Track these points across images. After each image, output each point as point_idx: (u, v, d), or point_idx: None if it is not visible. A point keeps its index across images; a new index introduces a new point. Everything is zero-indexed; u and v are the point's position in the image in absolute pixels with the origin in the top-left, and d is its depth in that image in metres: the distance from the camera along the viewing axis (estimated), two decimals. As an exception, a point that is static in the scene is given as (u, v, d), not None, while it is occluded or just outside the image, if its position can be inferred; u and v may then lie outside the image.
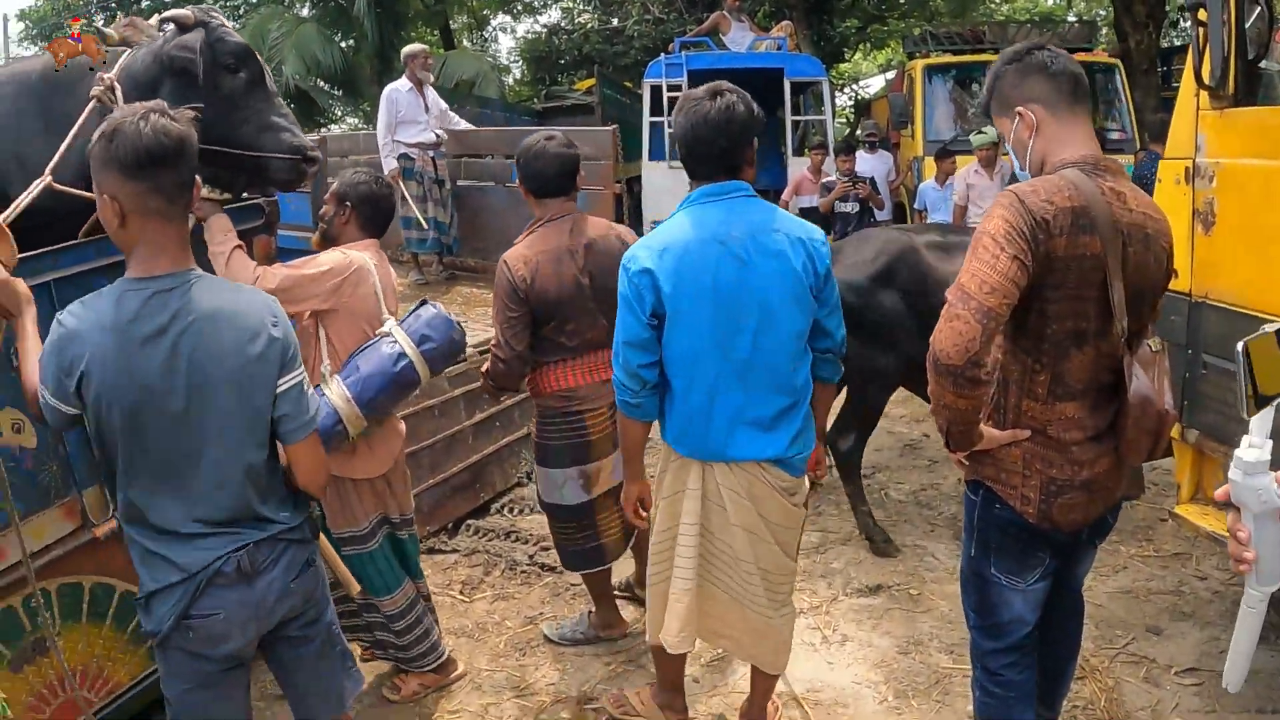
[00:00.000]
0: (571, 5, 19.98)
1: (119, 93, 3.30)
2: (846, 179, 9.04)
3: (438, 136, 7.97)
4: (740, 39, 12.33)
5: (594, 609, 4.25)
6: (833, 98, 12.85)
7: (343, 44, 19.54)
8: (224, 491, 2.33)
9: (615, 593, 4.41)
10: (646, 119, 10.91)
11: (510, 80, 22.11)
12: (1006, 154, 4.74)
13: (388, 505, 3.63)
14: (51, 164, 3.21)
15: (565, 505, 3.91)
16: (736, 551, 3.05)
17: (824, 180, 9.35)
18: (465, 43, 24.06)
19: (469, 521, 5.43)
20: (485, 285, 7.39)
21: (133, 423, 2.22)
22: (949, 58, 11.92)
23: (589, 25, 18.27)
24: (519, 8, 24.89)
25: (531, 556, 5.02)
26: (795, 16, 16.28)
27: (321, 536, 2.70)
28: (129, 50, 3.53)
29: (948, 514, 5.37)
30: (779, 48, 11.79)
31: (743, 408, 2.93)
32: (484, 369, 3.85)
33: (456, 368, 5.09)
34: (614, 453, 3.83)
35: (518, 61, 23.96)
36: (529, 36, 24.04)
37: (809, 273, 2.88)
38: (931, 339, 2.29)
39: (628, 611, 4.37)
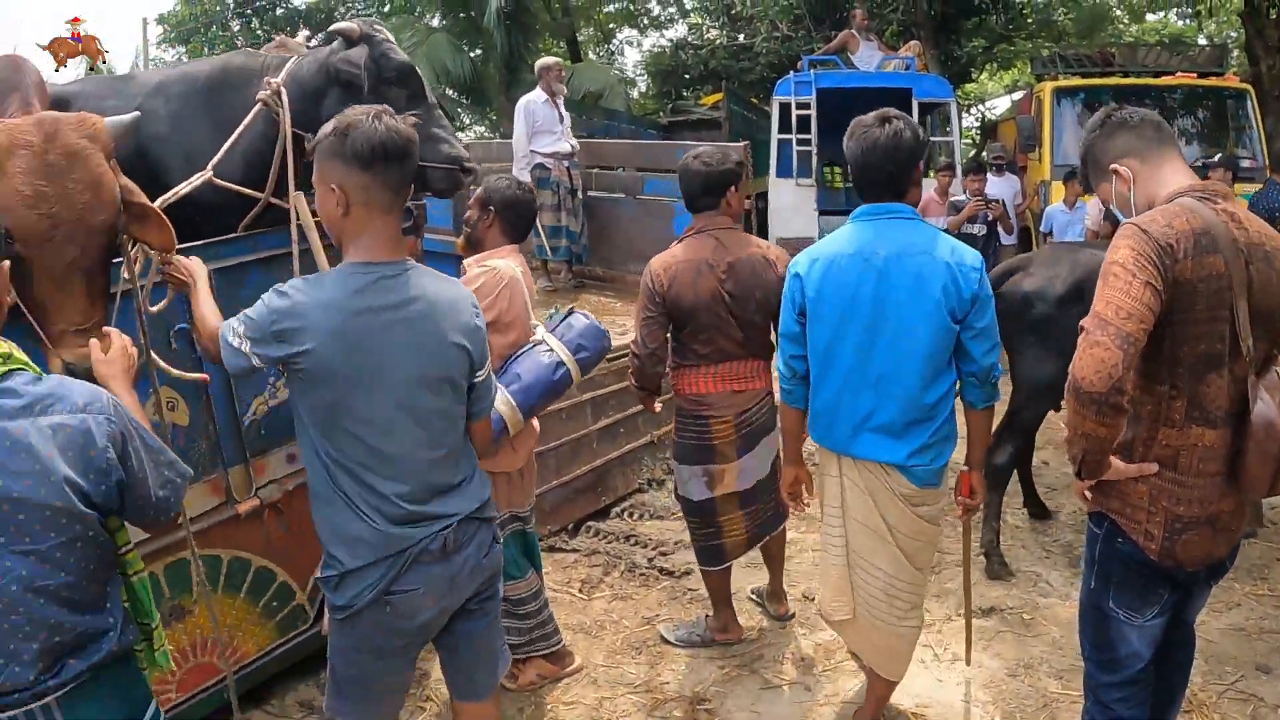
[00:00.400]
0: (700, 21, 20.13)
1: (285, 98, 3.52)
2: (979, 199, 8.98)
3: (572, 147, 8.17)
4: (869, 58, 12.33)
5: (711, 613, 4.35)
6: (959, 119, 12.75)
7: (472, 54, 19.95)
8: (428, 473, 2.50)
9: (750, 598, 4.57)
10: (775, 136, 10.92)
11: (635, 94, 22.31)
12: None
13: (515, 499, 3.79)
14: (215, 160, 3.45)
15: (691, 500, 4.12)
16: (860, 546, 3.29)
17: (952, 200, 9.30)
18: (591, 55, 24.38)
19: (589, 523, 5.59)
20: (612, 294, 7.56)
21: (346, 397, 2.38)
22: (1078, 80, 11.74)
23: (717, 41, 18.38)
24: (645, 22, 25.16)
25: (651, 560, 5.15)
26: (923, 36, 16.21)
27: None
28: (294, 58, 3.75)
29: (1063, 541, 5.33)
30: (907, 67, 11.77)
31: (871, 413, 3.17)
32: (630, 369, 4.08)
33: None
34: (739, 460, 3.98)
35: (642, 75, 24.19)
36: (654, 51, 24.30)
37: (950, 296, 3.03)
38: (1071, 368, 2.32)
39: (745, 619, 4.46)
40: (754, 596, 4.63)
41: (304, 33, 3.94)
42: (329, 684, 2.70)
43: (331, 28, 3.80)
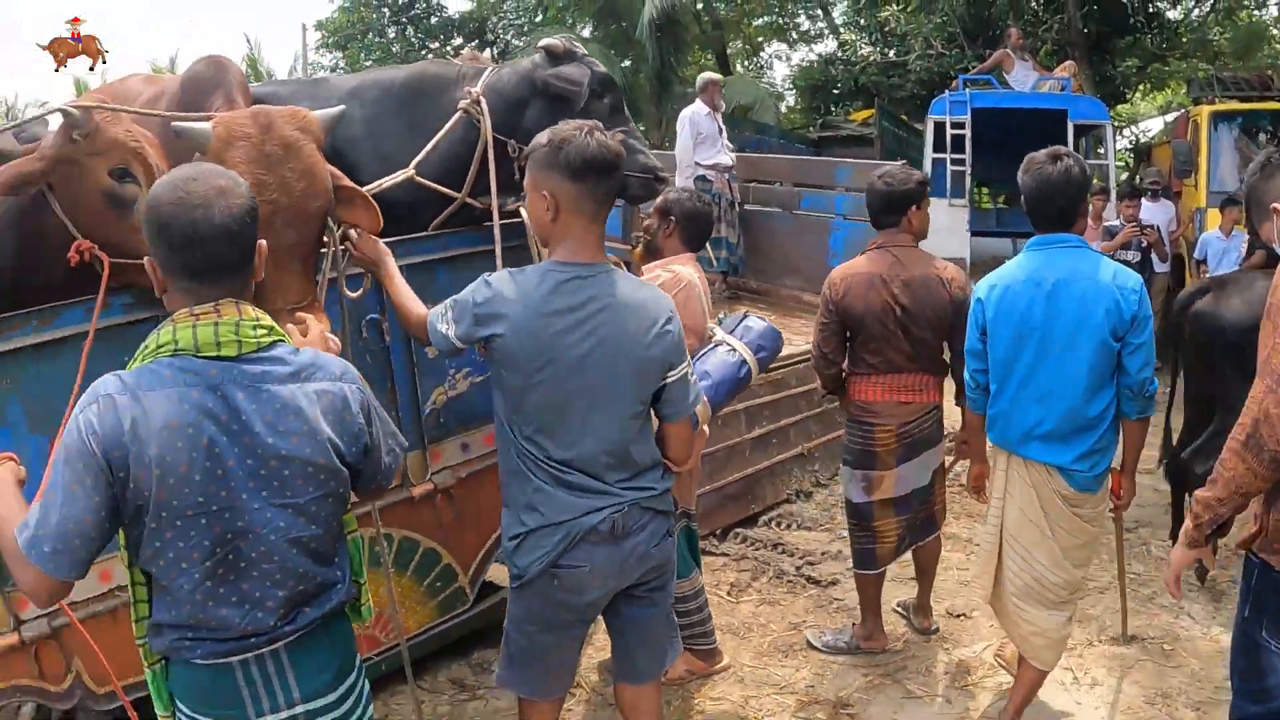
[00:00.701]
0: (853, 38, 20.04)
1: (484, 106, 3.77)
2: (1133, 225, 8.82)
3: (732, 159, 8.34)
4: (1024, 78, 12.17)
5: (858, 621, 4.48)
6: (1113, 141, 12.48)
7: (623, 64, 20.24)
8: (604, 457, 2.69)
9: (895, 610, 4.69)
10: (929, 155, 10.84)
11: (783, 108, 22.33)
12: None
13: (685, 496, 3.94)
14: (418, 159, 3.71)
15: (851, 502, 4.31)
16: (1021, 537, 3.55)
17: (1105, 225, 9.15)
18: (739, 69, 24.48)
19: (738, 529, 5.74)
20: (765, 307, 7.66)
21: (533, 381, 2.60)
22: (1235, 104, 11.37)
23: (870, 58, 18.29)
24: (794, 36, 25.14)
25: (798, 568, 5.27)
26: (1076, 55, 15.85)
27: None
28: (491, 69, 4.00)
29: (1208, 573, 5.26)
30: (1062, 88, 11.58)
31: (1039, 422, 3.45)
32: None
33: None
34: (898, 467, 4.14)
35: (790, 89, 24.19)
36: (803, 65, 24.27)
37: (1112, 316, 3.29)
38: (1254, 420, 2.32)
39: (889, 631, 4.55)
40: (899, 609, 4.73)
41: (462, 44, 4.21)
42: (502, 654, 2.93)
43: (541, 43, 4.01)
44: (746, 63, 25.72)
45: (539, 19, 22.27)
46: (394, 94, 4.07)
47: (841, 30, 23.02)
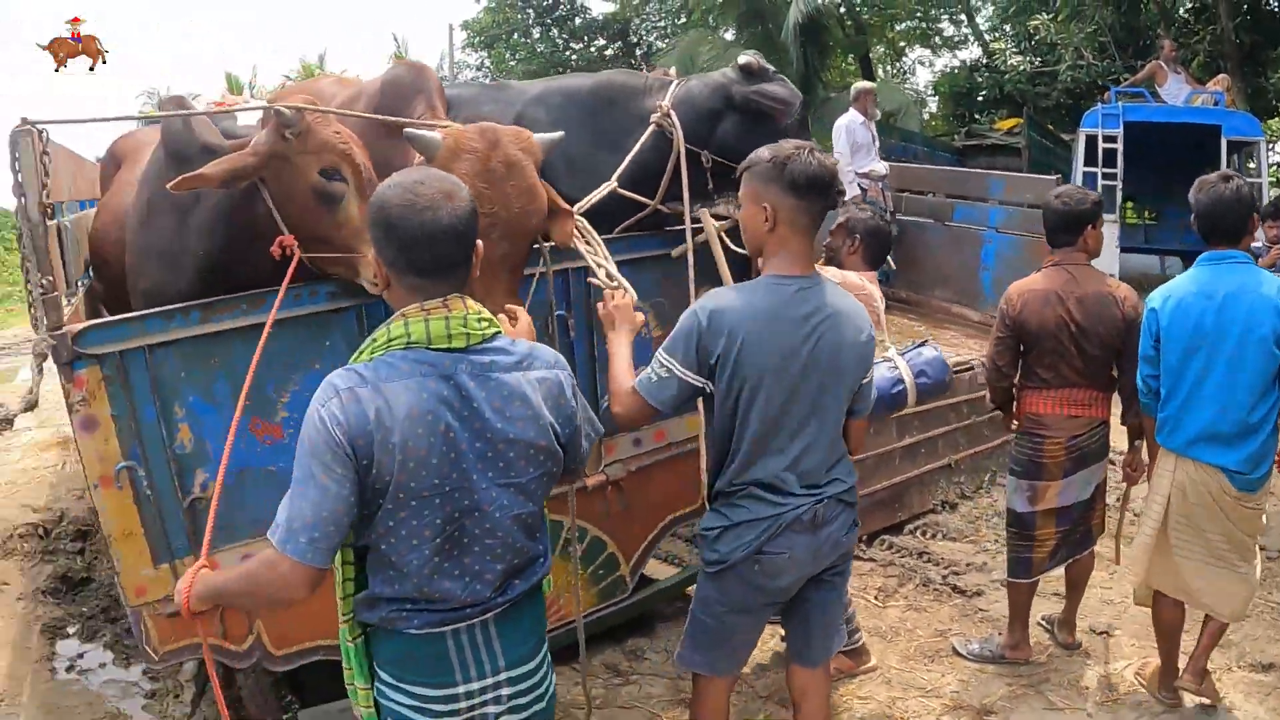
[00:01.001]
0: (1002, 47, 19.67)
1: (675, 118, 3.90)
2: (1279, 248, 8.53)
3: (885, 168, 8.37)
4: (1176, 91, 11.91)
5: (1004, 632, 4.53)
6: (1266, 158, 12.08)
7: (768, 68, 20.19)
8: (812, 455, 2.87)
9: (1039, 623, 4.71)
10: (1079, 168, 10.67)
11: (925, 114, 22.04)
12: None
13: None
14: (618, 171, 3.86)
15: (1014, 511, 4.36)
16: (1198, 521, 3.80)
17: (1252, 246, 8.86)
18: (881, 73, 24.26)
19: (884, 536, 5.83)
20: (916, 317, 7.69)
21: (761, 390, 2.76)
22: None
23: (1019, 67, 17.95)
24: (937, 41, 24.81)
25: (944, 577, 5.35)
26: (1229, 68, 15.36)
27: None
28: (678, 81, 4.11)
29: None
30: (1216, 103, 11.30)
31: (1206, 425, 3.68)
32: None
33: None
34: (1063, 479, 4.20)
35: (933, 95, 23.87)
36: (946, 71, 23.94)
37: (1278, 329, 3.52)
38: None
39: (1033, 644, 4.58)
40: (1044, 623, 4.75)
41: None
42: (686, 636, 3.12)
43: (740, 61, 4.07)
44: (889, 68, 25.47)
45: (682, 21, 22.37)
46: (579, 101, 4.20)
47: (986, 36, 22.64)
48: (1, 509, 7.47)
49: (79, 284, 4.69)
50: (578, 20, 24.61)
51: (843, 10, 21.00)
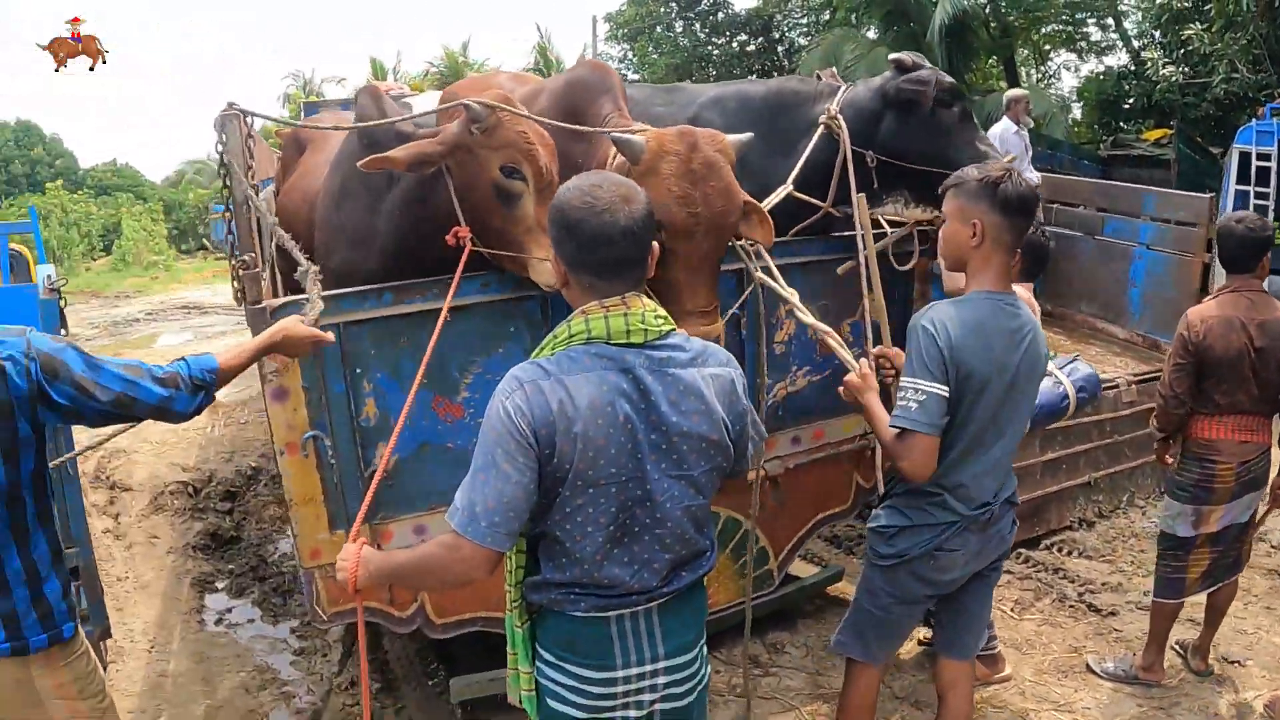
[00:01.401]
0: (1153, 56, 19.05)
1: (842, 121, 3.98)
2: None
3: (1037, 178, 8.26)
4: (1333, 109, 11.40)
5: (1138, 652, 4.50)
6: None
7: (910, 68, 19.93)
8: (1003, 461, 2.99)
9: (1172, 648, 4.63)
10: (1231, 186, 10.19)
11: (1070, 120, 21.48)
12: None
13: None
14: (793, 175, 3.96)
15: (1174, 535, 4.30)
16: None
17: None
18: (1025, 77, 23.72)
19: (1021, 549, 5.78)
20: (1060, 331, 7.57)
21: (980, 400, 2.86)
22: None
23: (1170, 77, 17.37)
24: (1083, 46, 24.15)
25: (1080, 594, 5.30)
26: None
27: None
28: (846, 86, 4.20)
29: None
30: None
31: None
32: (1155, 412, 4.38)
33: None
34: (1230, 502, 4.16)
35: (1078, 101, 23.25)
36: (1092, 77, 23.28)
37: None
38: None
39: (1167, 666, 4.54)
40: (1177, 648, 4.69)
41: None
42: (848, 624, 3.27)
43: (891, 56, 4.20)
44: (1033, 71, 24.91)
45: (826, 18, 22.20)
46: (754, 106, 4.31)
47: (1135, 42, 21.95)
48: (152, 467, 7.90)
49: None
50: (720, 15, 24.55)
51: (988, 11, 20.55)
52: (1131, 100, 19.79)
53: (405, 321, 3.28)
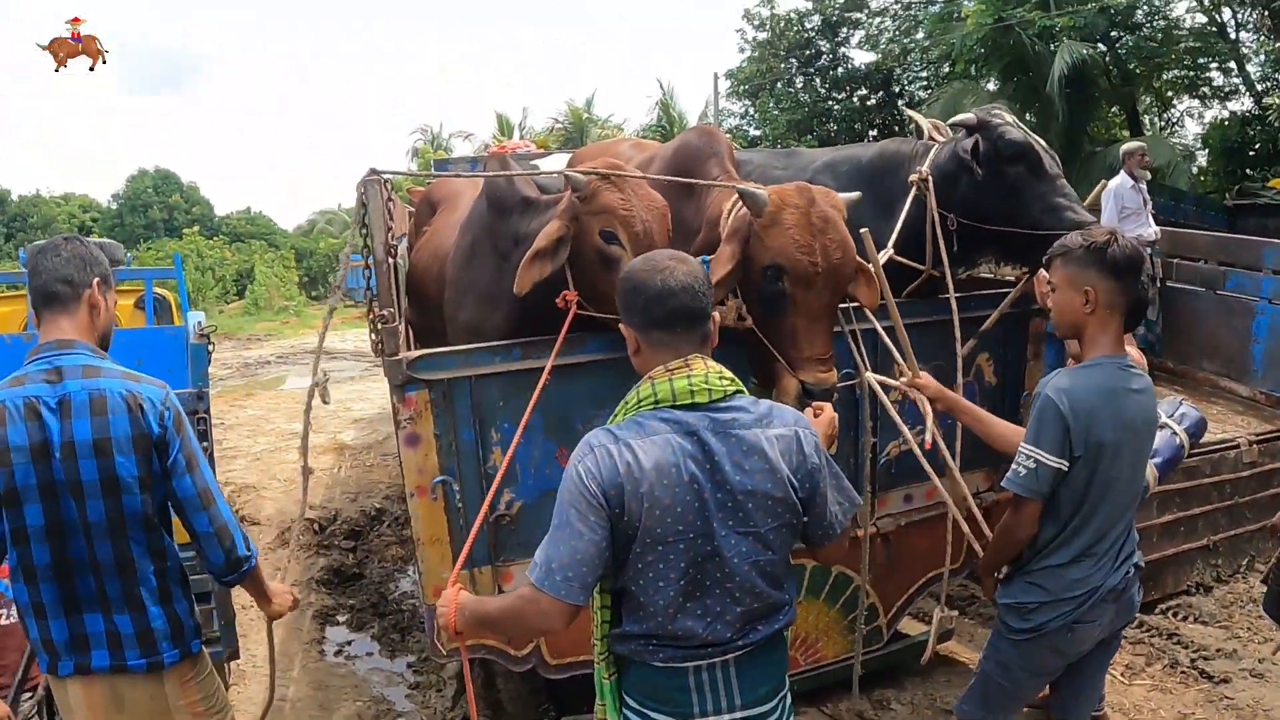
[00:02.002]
0: (1275, 102, 18.49)
1: (930, 183, 4.06)
2: None
3: (1155, 233, 8.17)
4: None
5: None
6: None
7: (1028, 119, 19.75)
8: (1122, 525, 3.03)
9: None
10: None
11: (1194, 168, 20.93)
12: None
13: None
14: (893, 239, 4.03)
15: None
16: None
17: None
18: (1148, 125, 23.23)
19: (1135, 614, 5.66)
20: (1181, 389, 7.44)
21: (1108, 466, 2.90)
22: None
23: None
24: (1206, 91, 23.58)
25: (1193, 660, 5.18)
26: None
27: None
28: (937, 145, 4.25)
29: None
30: None
31: None
32: None
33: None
34: None
35: (1203, 149, 22.65)
36: (1216, 123, 22.70)
37: None
38: None
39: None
40: None
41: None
42: (974, 694, 3.31)
43: (952, 120, 4.23)
44: (1156, 119, 24.39)
45: (945, 72, 22.10)
46: (862, 169, 4.42)
47: (1257, 86, 21.36)
48: (280, 504, 8.24)
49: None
50: (840, 70, 24.61)
51: (1108, 60, 20.25)
52: (1257, 146, 19.27)
53: (531, 375, 3.43)
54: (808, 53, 24.36)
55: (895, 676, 4.87)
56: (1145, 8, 20.36)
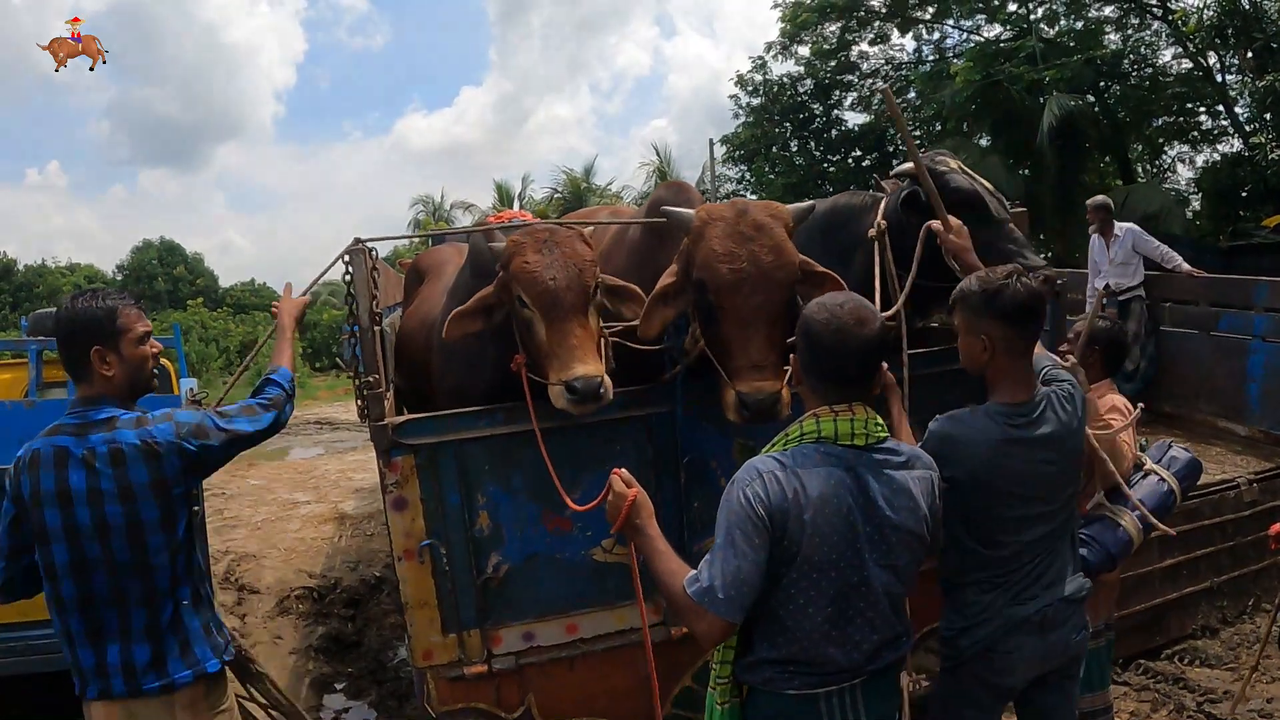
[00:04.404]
0: (1261, 142, 18.57)
1: (886, 237, 3.88)
2: None
3: (1109, 285, 8.20)
4: None
5: None
6: None
7: (1022, 174, 19.88)
8: (1056, 564, 2.99)
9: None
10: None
11: (1188, 213, 20.98)
12: None
13: (1110, 609, 4.08)
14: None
15: None
16: None
17: None
18: (1140, 172, 23.37)
19: (1140, 660, 5.63)
20: (1180, 432, 7.42)
21: (1015, 518, 2.90)
22: None
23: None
24: (1195, 136, 23.74)
25: (1199, 704, 5.13)
26: None
27: None
28: (887, 196, 4.16)
29: None
30: None
31: None
32: None
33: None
34: None
35: (1195, 193, 22.75)
36: (1206, 166, 22.84)
37: None
38: None
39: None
40: None
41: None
42: None
43: (894, 171, 4.16)
44: (1148, 166, 24.53)
45: (937, 129, 22.29)
46: (818, 224, 4.24)
47: (1246, 128, 21.50)
48: (280, 572, 8.22)
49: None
50: (834, 132, 24.76)
51: (1097, 110, 20.44)
52: (1249, 188, 19.37)
53: (515, 439, 3.49)
54: (801, 116, 24.54)
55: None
56: (1132, 56, 20.62)
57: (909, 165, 4.01)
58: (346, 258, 3.69)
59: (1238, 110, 20.70)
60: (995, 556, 2.94)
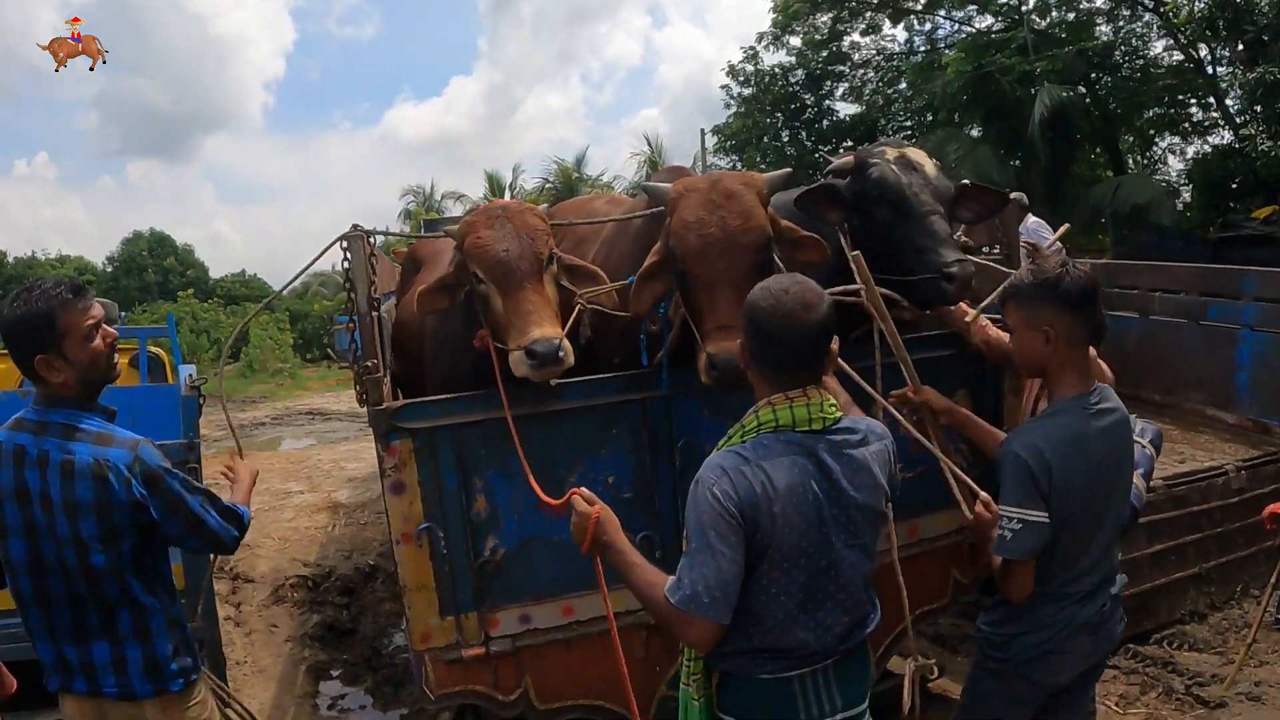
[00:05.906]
0: (1252, 131, 18.62)
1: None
2: None
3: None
4: None
5: None
6: None
7: (1013, 164, 19.92)
8: (1108, 557, 3.01)
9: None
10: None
11: (1179, 204, 21.04)
12: None
13: None
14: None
15: None
16: None
17: None
18: (1131, 163, 23.42)
19: (1129, 644, 5.65)
20: (1170, 421, 7.44)
21: (1080, 508, 2.87)
22: None
23: (1271, 152, 16.93)
24: (1186, 127, 23.80)
25: (1188, 688, 5.18)
26: None
27: None
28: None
29: None
30: None
31: None
32: None
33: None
34: None
35: (1186, 185, 22.81)
36: (1197, 158, 22.90)
37: None
38: None
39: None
40: None
41: (853, 147, 4.34)
42: None
43: (830, 167, 4.06)
44: (1139, 157, 24.58)
45: (929, 120, 22.30)
46: (786, 207, 4.19)
47: (1237, 119, 21.53)
48: (274, 561, 8.27)
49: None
50: (825, 123, 24.80)
51: (1088, 101, 20.49)
52: (1239, 179, 19.40)
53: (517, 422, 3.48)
54: (793, 106, 24.55)
55: (884, 715, 4.80)
56: (1123, 48, 20.65)
57: (846, 159, 4.00)
58: (344, 244, 3.71)
59: (1228, 102, 20.76)
60: (1078, 564, 2.92)
